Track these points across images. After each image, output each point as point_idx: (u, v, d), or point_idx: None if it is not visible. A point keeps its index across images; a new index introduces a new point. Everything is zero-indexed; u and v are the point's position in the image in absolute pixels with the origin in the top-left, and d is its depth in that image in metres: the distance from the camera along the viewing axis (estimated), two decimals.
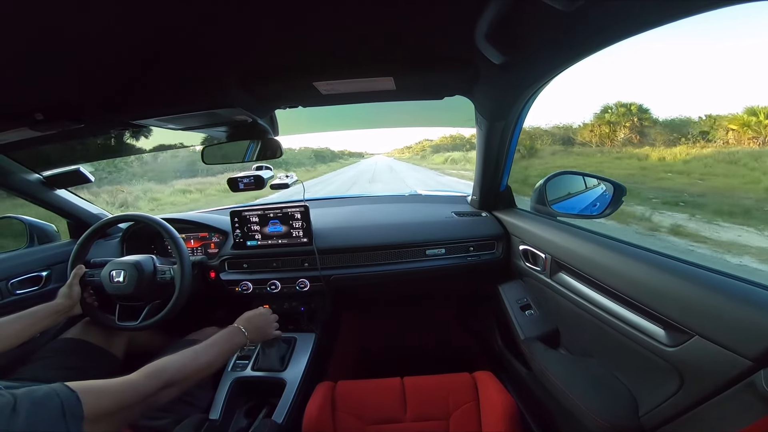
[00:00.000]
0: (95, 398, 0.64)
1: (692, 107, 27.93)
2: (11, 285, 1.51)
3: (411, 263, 1.64)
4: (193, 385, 0.91)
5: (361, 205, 2.16)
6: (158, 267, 1.48)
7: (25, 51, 0.77)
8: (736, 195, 7.52)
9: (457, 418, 1.22)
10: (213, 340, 1.03)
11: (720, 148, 12.16)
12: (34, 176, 1.61)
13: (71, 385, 0.63)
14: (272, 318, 1.30)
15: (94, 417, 0.61)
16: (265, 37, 0.85)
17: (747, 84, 38.63)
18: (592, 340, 1.13)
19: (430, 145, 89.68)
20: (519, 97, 1.15)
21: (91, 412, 0.61)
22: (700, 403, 0.74)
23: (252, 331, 1.15)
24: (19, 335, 1.15)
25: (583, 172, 1.47)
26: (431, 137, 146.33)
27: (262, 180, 1.52)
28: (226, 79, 1.05)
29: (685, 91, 67.03)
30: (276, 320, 1.33)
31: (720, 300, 0.69)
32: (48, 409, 0.56)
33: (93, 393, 0.64)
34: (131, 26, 0.73)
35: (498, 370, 1.49)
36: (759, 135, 11.53)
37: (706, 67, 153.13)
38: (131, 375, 0.78)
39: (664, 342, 0.81)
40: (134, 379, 0.77)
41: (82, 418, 0.59)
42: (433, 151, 72.92)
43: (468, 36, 0.83)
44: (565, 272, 1.22)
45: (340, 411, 1.23)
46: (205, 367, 0.94)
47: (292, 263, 1.67)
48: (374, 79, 1.11)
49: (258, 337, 1.22)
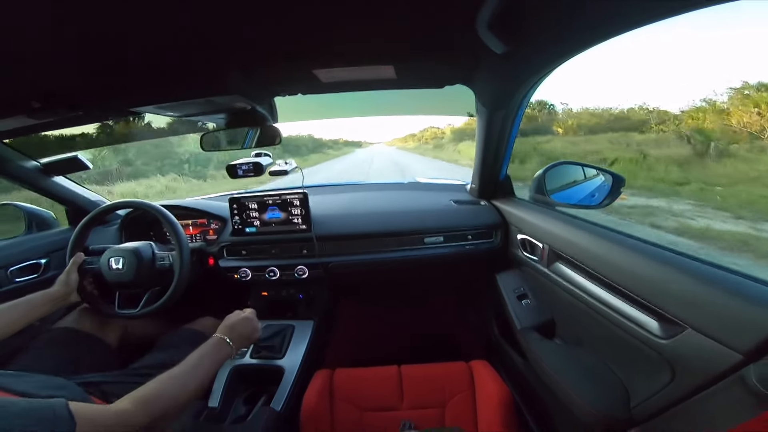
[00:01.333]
0: (88, 423, 0.62)
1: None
2: (10, 273, 1.52)
3: (409, 251, 1.65)
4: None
5: (360, 193, 2.15)
6: (157, 254, 1.48)
7: (24, 39, 0.77)
8: None
9: (453, 407, 1.23)
10: (198, 360, 0.94)
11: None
12: (32, 163, 1.60)
13: (74, 409, 0.61)
14: (256, 322, 1.22)
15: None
16: (265, 24, 0.84)
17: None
18: (587, 331, 1.14)
19: (452, 131, 65.69)
20: (520, 87, 1.14)
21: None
22: (690, 395, 0.75)
23: (236, 339, 1.08)
24: (16, 323, 1.14)
25: (583, 163, 1.47)
26: (439, 124, 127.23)
27: (261, 167, 1.51)
28: (226, 67, 1.04)
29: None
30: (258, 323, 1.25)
31: (714, 293, 0.69)
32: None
33: (87, 419, 0.63)
34: (130, 14, 0.73)
35: (494, 359, 1.51)
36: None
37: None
38: (122, 405, 0.74)
39: (657, 334, 0.81)
40: (126, 409, 0.73)
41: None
42: (456, 139, 48.42)
43: (470, 25, 0.83)
44: (562, 262, 1.22)
45: (338, 398, 1.25)
46: (196, 392, 0.89)
47: (291, 250, 1.68)
48: (375, 68, 1.10)
49: (244, 344, 1.16)
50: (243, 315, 1.17)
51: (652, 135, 15.58)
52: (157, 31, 0.82)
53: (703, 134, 11.93)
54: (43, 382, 0.85)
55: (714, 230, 5.67)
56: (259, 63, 1.04)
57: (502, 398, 1.18)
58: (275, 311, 1.75)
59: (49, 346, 1.30)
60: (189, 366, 0.91)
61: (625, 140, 15.13)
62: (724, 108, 13.72)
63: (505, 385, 1.23)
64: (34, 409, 0.58)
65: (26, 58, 0.86)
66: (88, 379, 1.11)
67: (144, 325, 1.64)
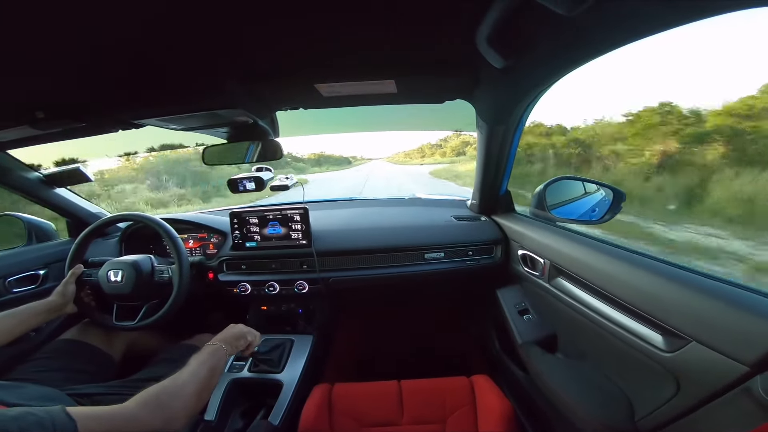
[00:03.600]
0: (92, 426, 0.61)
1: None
2: (8, 283, 1.51)
3: (410, 267, 1.64)
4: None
5: (360, 208, 2.16)
6: (156, 267, 1.48)
7: (28, 49, 0.78)
8: None
9: (454, 422, 1.21)
10: (197, 365, 0.92)
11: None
12: (34, 174, 1.61)
13: (72, 412, 0.59)
14: (246, 328, 1.18)
15: None
16: (268, 39, 0.86)
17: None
18: (590, 345, 1.13)
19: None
20: (520, 101, 1.15)
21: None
22: (696, 408, 0.74)
23: (227, 342, 1.06)
24: (10, 332, 1.14)
25: (583, 178, 1.48)
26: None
27: (263, 181, 1.52)
28: (228, 81, 1.05)
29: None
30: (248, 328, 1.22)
31: (718, 306, 0.69)
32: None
33: (91, 420, 0.62)
34: (134, 27, 0.74)
35: (495, 374, 1.49)
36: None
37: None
38: (128, 404, 0.73)
39: (660, 347, 0.81)
40: (131, 409, 0.72)
41: None
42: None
43: (470, 40, 0.84)
44: (563, 277, 1.22)
45: (337, 413, 1.23)
46: (198, 396, 0.86)
47: (291, 265, 1.67)
48: (376, 82, 1.11)
49: (236, 345, 1.11)
50: (232, 325, 1.16)
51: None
52: (159, 44, 0.83)
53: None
54: (34, 393, 0.84)
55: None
56: (261, 76, 1.05)
57: (503, 413, 1.16)
58: (274, 325, 1.73)
59: (53, 357, 1.29)
60: (187, 371, 0.90)
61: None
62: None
63: (506, 399, 1.22)
64: (31, 413, 0.57)
65: (30, 68, 0.87)
66: (80, 391, 1.10)
67: (148, 339, 1.63)
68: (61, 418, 0.58)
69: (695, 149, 5.63)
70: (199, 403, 0.88)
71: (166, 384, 0.82)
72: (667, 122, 7.33)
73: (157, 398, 0.77)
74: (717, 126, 5.08)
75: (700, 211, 3.87)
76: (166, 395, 0.80)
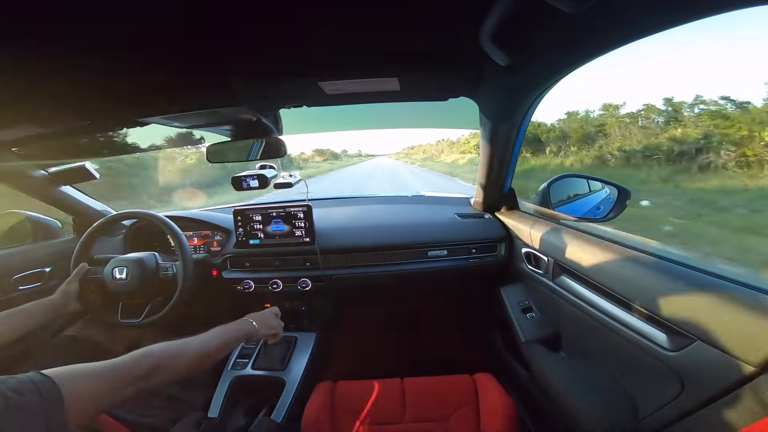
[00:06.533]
0: (73, 380, 0.61)
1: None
2: (14, 281, 1.52)
3: (413, 264, 1.64)
4: (187, 374, 0.86)
5: (363, 206, 2.16)
6: (161, 264, 1.48)
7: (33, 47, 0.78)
8: None
9: (456, 420, 1.21)
10: (215, 331, 0.97)
11: None
12: (40, 172, 1.62)
13: (46, 371, 0.60)
14: (279, 321, 1.21)
15: (76, 399, 0.59)
16: (272, 37, 0.85)
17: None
18: (593, 343, 1.13)
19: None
20: (524, 99, 1.15)
21: (73, 395, 0.59)
22: (700, 407, 0.74)
23: (260, 323, 1.09)
24: (15, 330, 1.14)
25: (587, 175, 1.47)
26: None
27: (266, 179, 1.52)
28: (232, 78, 1.05)
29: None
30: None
31: (723, 305, 0.69)
32: (23, 395, 0.54)
33: (71, 375, 0.62)
34: (138, 24, 0.74)
35: (498, 372, 1.49)
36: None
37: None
38: (119, 357, 0.74)
39: (665, 346, 0.81)
40: (120, 360, 0.73)
41: (63, 402, 0.57)
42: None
43: (473, 37, 0.83)
44: (567, 275, 1.21)
45: (340, 411, 1.23)
46: (197, 355, 0.89)
47: (294, 263, 1.67)
48: (379, 80, 1.11)
49: (267, 332, 1.13)
50: (268, 309, 1.20)
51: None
52: (165, 43, 0.83)
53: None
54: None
55: None
56: (265, 75, 1.05)
57: (506, 411, 1.16)
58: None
59: (56, 354, 1.30)
60: (201, 335, 0.93)
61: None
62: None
63: (509, 398, 1.21)
64: (6, 378, 0.57)
65: (34, 66, 0.87)
66: None
67: (153, 337, 1.63)
68: (37, 377, 0.58)
69: None
70: (203, 360, 0.90)
71: (162, 344, 0.85)
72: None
73: (150, 352, 0.79)
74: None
75: None
76: (159, 351, 0.81)
